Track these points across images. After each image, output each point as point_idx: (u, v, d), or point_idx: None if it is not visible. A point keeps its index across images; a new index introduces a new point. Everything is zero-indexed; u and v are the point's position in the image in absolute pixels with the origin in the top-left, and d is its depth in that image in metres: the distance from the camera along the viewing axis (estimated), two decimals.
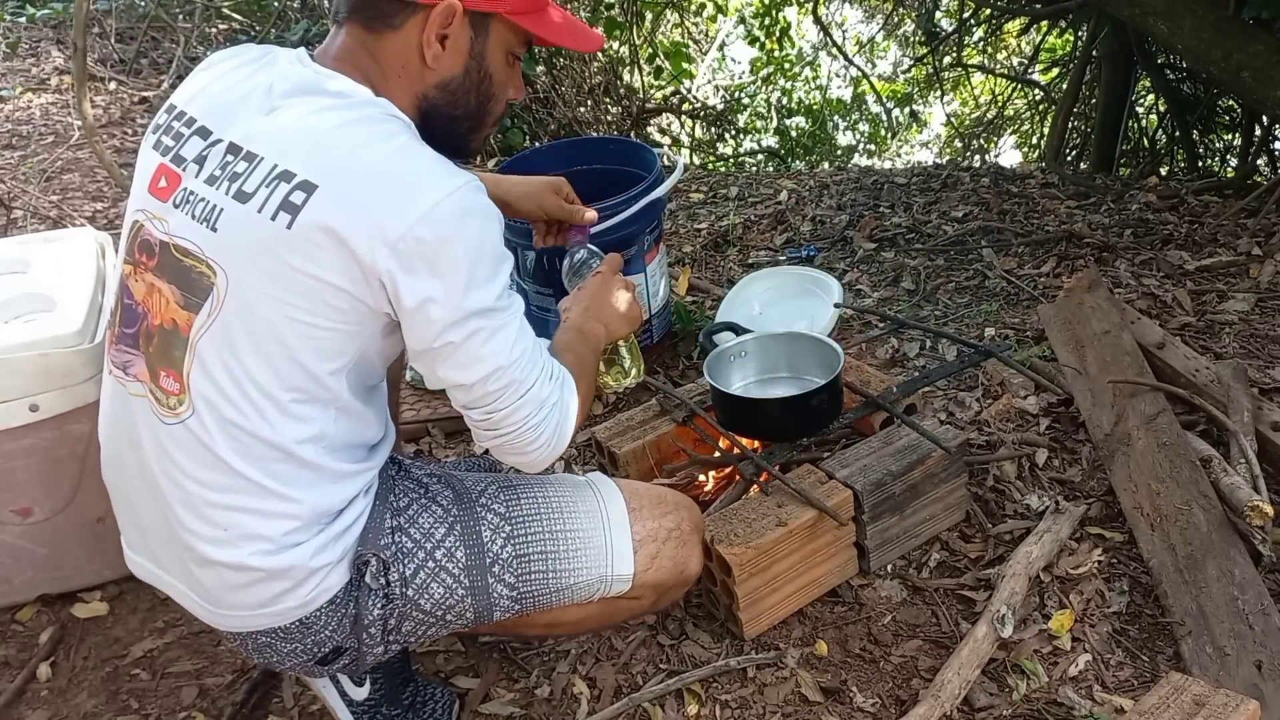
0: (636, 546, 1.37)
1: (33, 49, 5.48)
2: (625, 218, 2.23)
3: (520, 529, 1.33)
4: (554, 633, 1.51)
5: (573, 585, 1.34)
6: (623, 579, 1.37)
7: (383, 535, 1.26)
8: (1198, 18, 3.06)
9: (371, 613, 1.25)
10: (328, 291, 1.12)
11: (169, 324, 1.18)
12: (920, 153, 8.56)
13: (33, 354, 1.68)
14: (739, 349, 2.03)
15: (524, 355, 1.22)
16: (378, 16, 1.20)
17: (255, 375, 1.14)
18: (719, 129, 7.41)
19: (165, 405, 1.18)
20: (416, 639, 1.33)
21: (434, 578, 1.27)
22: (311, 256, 1.11)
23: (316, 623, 1.24)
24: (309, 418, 1.18)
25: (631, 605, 1.44)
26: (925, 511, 1.81)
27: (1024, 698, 1.51)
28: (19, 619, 1.85)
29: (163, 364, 1.18)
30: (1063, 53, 6.30)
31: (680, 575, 1.43)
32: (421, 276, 1.11)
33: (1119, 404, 2.06)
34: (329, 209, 1.10)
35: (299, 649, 1.27)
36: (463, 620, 1.32)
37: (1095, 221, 3.19)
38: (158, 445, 1.20)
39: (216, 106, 1.22)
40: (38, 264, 1.96)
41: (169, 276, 1.18)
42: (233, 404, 1.15)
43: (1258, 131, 4.61)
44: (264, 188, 1.13)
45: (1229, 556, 1.64)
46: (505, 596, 1.31)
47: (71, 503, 1.80)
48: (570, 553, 1.34)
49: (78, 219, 3.61)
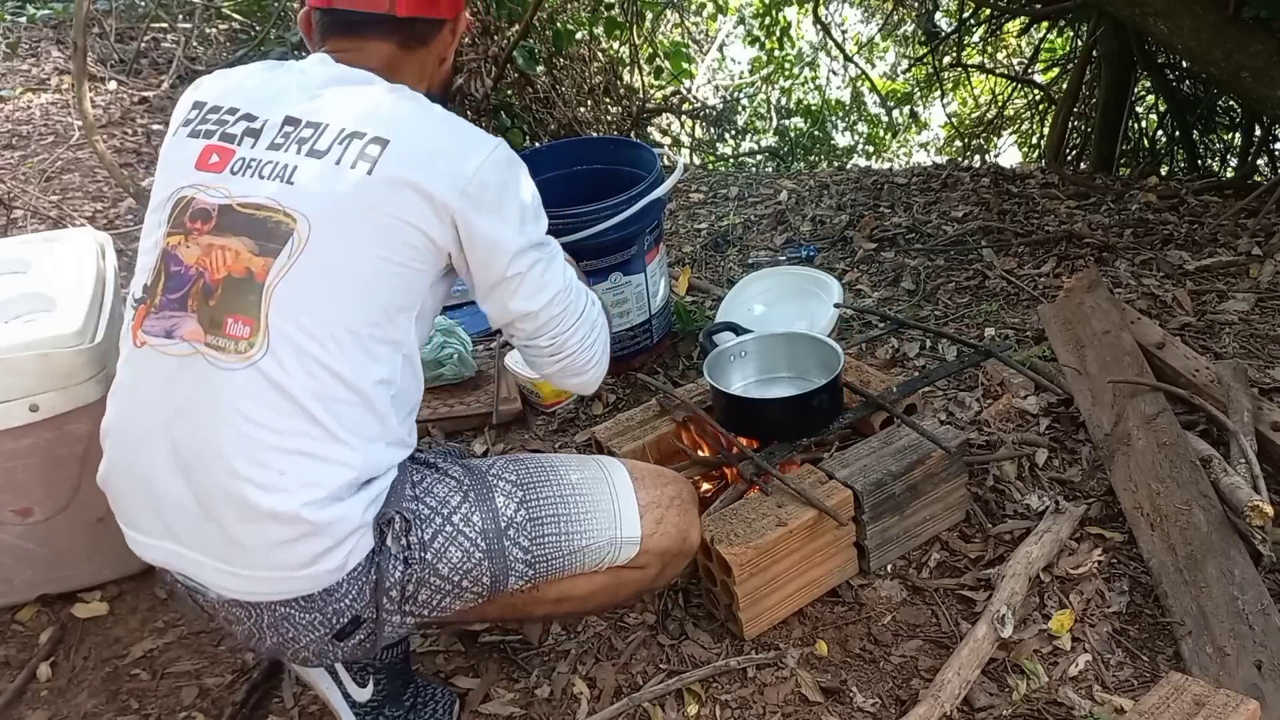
0: (642, 511, 1.41)
1: (33, 49, 5.48)
2: (625, 218, 2.23)
3: (532, 494, 1.37)
4: (561, 611, 1.48)
5: (585, 548, 1.37)
6: (632, 541, 1.40)
7: (405, 500, 1.29)
8: (1198, 18, 3.06)
9: (392, 575, 1.26)
10: (405, 230, 1.24)
11: (240, 273, 1.22)
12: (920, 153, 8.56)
13: (33, 354, 1.68)
14: (739, 349, 2.03)
15: (573, 281, 1.39)
16: (415, 38, 1.40)
17: (338, 310, 1.22)
18: (719, 129, 7.41)
19: (231, 352, 1.20)
20: (431, 611, 1.33)
21: (452, 541, 1.30)
22: (391, 199, 1.23)
23: (339, 589, 1.25)
24: (383, 358, 1.26)
25: (637, 577, 1.45)
26: (925, 511, 1.81)
27: (1024, 698, 1.51)
28: (19, 619, 1.85)
29: (230, 312, 1.21)
30: (1063, 53, 6.30)
31: (683, 543, 1.46)
32: (487, 215, 1.27)
33: (1119, 404, 2.06)
34: (403, 159, 1.24)
35: (318, 620, 1.26)
36: (479, 587, 1.33)
37: (1095, 221, 3.19)
38: (212, 397, 1.20)
39: (255, 98, 1.32)
40: (38, 264, 1.96)
41: (238, 230, 1.23)
42: (315, 339, 1.20)
43: (1258, 131, 4.61)
44: (337, 145, 1.25)
45: (1229, 556, 1.64)
46: (520, 560, 1.34)
47: (71, 503, 1.80)
48: (581, 515, 1.38)
49: (78, 219, 3.61)
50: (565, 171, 2.53)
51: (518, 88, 5.26)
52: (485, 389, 2.40)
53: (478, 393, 2.40)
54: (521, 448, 2.27)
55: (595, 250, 2.28)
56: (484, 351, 2.55)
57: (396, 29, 1.37)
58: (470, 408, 2.35)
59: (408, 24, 1.38)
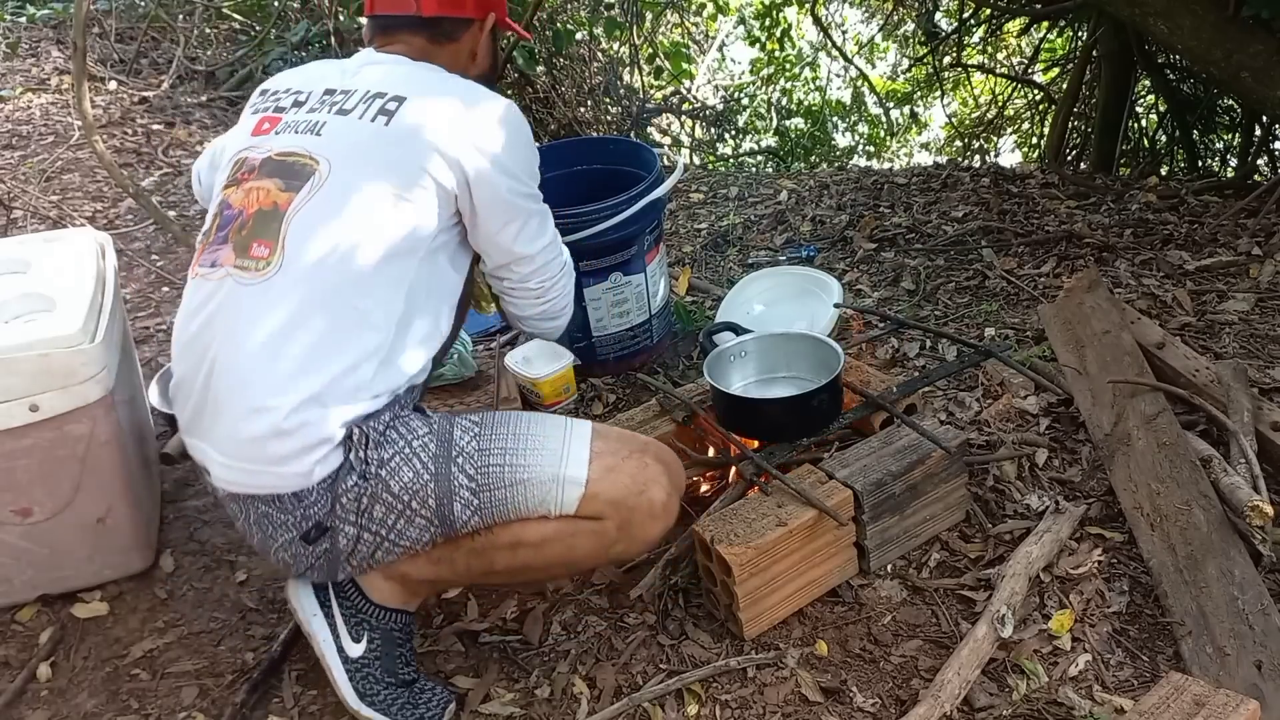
0: (593, 457, 1.45)
1: (33, 49, 5.48)
2: (625, 218, 2.23)
3: (488, 430, 1.47)
4: (519, 562, 1.48)
5: (527, 480, 1.43)
6: (575, 481, 1.43)
7: (379, 424, 1.42)
8: (1198, 18, 3.07)
9: (346, 482, 1.39)
10: (417, 174, 1.44)
11: (267, 206, 1.43)
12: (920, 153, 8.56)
13: (33, 354, 1.68)
14: (739, 349, 2.03)
15: (558, 239, 1.66)
16: (443, 33, 1.65)
17: (346, 237, 1.40)
18: (719, 129, 7.41)
19: (252, 270, 1.41)
20: (388, 533, 1.43)
21: (406, 462, 1.41)
22: (405, 147, 1.45)
23: (309, 496, 1.40)
24: (387, 283, 1.42)
25: (593, 529, 1.46)
26: (925, 511, 1.81)
27: (1024, 698, 1.51)
28: (19, 619, 1.85)
29: (256, 238, 1.42)
30: (1063, 53, 6.30)
31: (640, 495, 1.45)
32: (492, 162, 1.48)
33: (1119, 404, 2.06)
34: (418, 112, 1.47)
35: (290, 521, 1.42)
36: (426, 510, 1.42)
37: (1095, 221, 3.19)
38: (234, 310, 1.40)
39: (304, 81, 1.61)
40: (38, 264, 1.96)
41: (270, 173, 1.47)
42: (323, 261, 1.39)
43: (1258, 131, 4.61)
44: (361, 104, 1.49)
45: (1229, 556, 1.64)
46: (465, 487, 1.42)
47: (71, 503, 1.80)
48: (528, 450, 1.45)
49: (78, 219, 3.61)
50: (565, 171, 2.53)
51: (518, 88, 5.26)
52: (485, 389, 2.40)
53: (478, 393, 2.40)
54: None
55: (595, 250, 2.28)
56: (484, 351, 2.55)
57: (424, 26, 1.63)
58: (470, 407, 2.35)
59: (434, 22, 1.63)
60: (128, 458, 1.85)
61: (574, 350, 2.35)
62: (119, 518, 1.85)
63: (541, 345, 2.37)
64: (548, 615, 1.78)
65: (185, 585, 1.93)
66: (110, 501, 1.83)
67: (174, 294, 3.13)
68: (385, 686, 1.53)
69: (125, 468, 1.83)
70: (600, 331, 2.42)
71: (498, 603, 1.83)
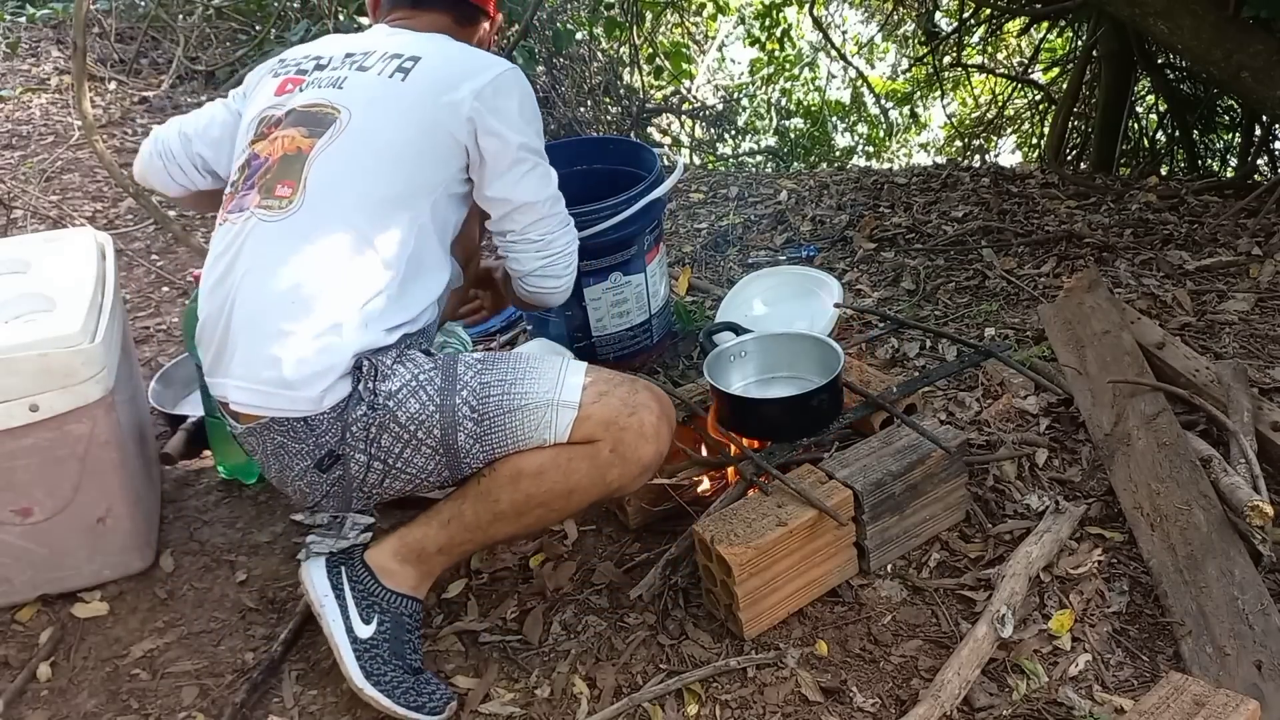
0: (586, 384, 1.53)
1: (33, 49, 5.48)
2: (625, 218, 2.23)
3: (489, 365, 1.54)
4: (521, 494, 1.52)
5: (523, 406, 1.50)
6: (569, 405, 1.50)
7: (387, 356, 1.50)
8: (1198, 18, 3.07)
9: (355, 411, 1.47)
10: (430, 126, 1.56)
11: (292, 151, 1.55)
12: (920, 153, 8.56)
13: (33, 354, 1.68)
14: (739, 349, 2.03)
15: (561, 199, 1.71)
16: (467, 17, 1.78)
17: (362, 178, 1.52)
18: (719, 129, 7.41)
19: (276, 209, 1.52)
20: (395, 460, 1.50)
21: (412, 394, 1.48)
22: (420, 101, 1.56)
23: (319, 424, 1.48)
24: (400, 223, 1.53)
25: (588, 455, 1.51)
26: (925, 511, 1.81)
27: (1024, 698, 1.52)
28: (19, 619, 1.85)
29: (280, 179, 1.54)
30: (1063, 53, 6.30)
31: (632, 417, 1.51)
32: (498, 114, 1.58)
33: (1119, 404, 2.06)
34: (431, 70, 1.59)
35: (304, 450, 1.50)
36: (432, 440, 1.49)
37: (1095, 221, 3.19)
38: (256, 245, 1.51)
39: (324, 49, 1.71)
40: (38, 264, 1.96)
41: (294, 122, 1.58)
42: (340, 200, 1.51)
43: (1258, 131, 4.62)
44: (380, 62, 1.62)
45: (1229, 556, 1.64)
46: (468, 418, 1.49)
47: (71, 503, 1.80)
48: (525, 378, 1.52)
49: (78, 219, 3.61)
50: (565, 171, 2.50)
51: None
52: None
53: None
54: None
55: (595, 250, 2.28)
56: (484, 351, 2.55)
57: (454, 6, 1.76)
58: None
59: (463, 2, 1.76)
60: (128, 458, 1.85)
61: (574, 350, 2.35)
62: (119, 518, 1.85)
63: (542, 345, 2.37)
64: (548, 615, 1.78)
65: (185, 585, 1.93)
66: (110, 501, 1.83)
67: (174, 294, 3.13)
68: (392, 669, 1.54)
69: (125, 468, 1.83)
70: (600, 331, 2.42)
71: (498, 603, 1.83)
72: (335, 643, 1.53)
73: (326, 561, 1.58)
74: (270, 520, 2.09)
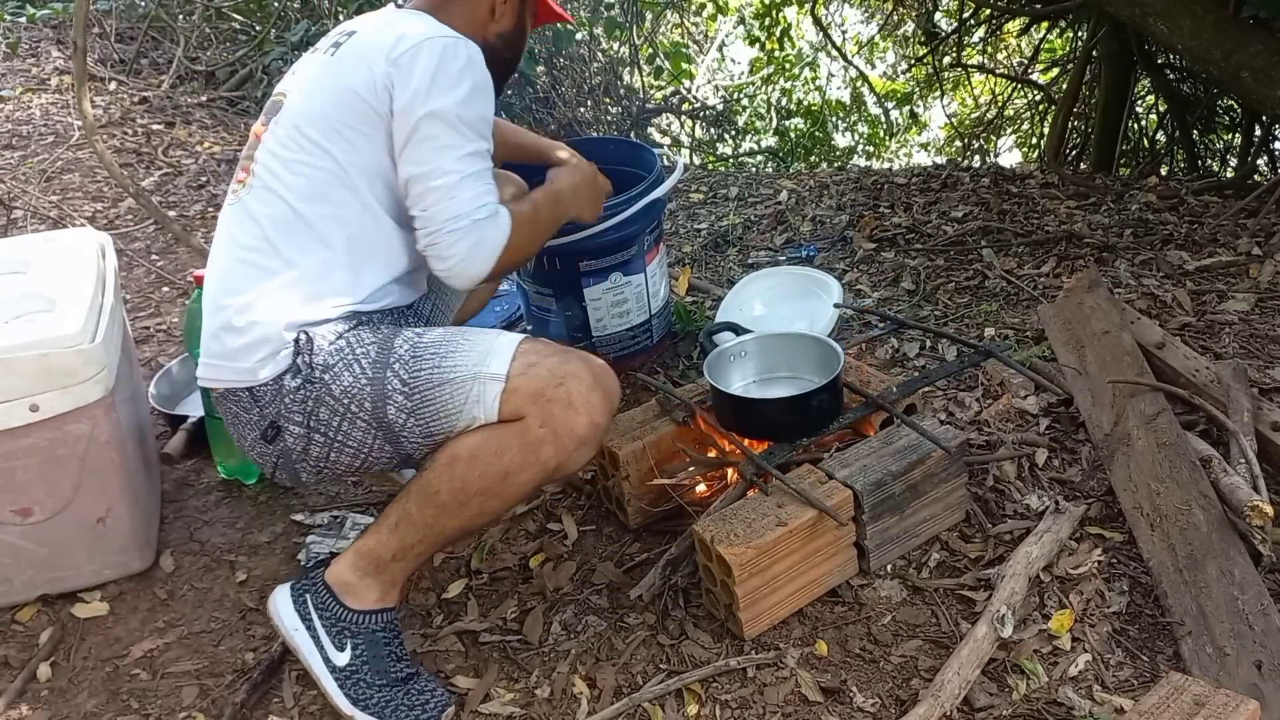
0: (516, 356, 1.50)
1: (33, 49, 5.48)
2: (625, 218, 2.23)
3: (425, 339, 1.54)
4: (458, 481, 1.49)
5: (451, 379, 1.48)
6: (495, 377, 1.47)
7: (330, 331, 1.53)
8: (1198, 18, 3.07)
9: (292, 384, 1.51)
10: (351, 96, 1.53)
11: (255, 139, 1.63)
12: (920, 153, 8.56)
13: (33, 354, 1.68)
14: (739, 349, 2.03)
15: (468, 179, 1.54)
16: None
17: (297, 156, 1.54)
18: (719, 129, 7.41)
19: (236, 194, 1.61)
20: (334, 434, 1.52)
21: (347, 368, 1.51)
22: (343, 71, 1.55)
23: (263, 396, 1.53)
24: (338, 201, 1.54)
25: (518, 433, 1.47)
26: (925, 511, 1.81)
27: (1024, 698, 1.52)
28: (19, 619, 1.85)
29: (242, 165, 1.63)
30: (1063, 53, 6.30)
31: (559, 388, 1.47)
32: (408, 81, 1.50)
33: (1119, 404, 2.06)
34: (361, 41, 1.58)
35: (251, 420, 1.55)
36: (364, 413, 1.51)
37: (1095, 221, 3.19)
38: (222, 226, 1.62)
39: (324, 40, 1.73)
40: (38, 264, 1.96)
41: (264, 112, 1.67)
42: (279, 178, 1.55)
43: (1258, 131, 4.62)
44: (326, 42, 1.66)
45: (1229, 556, 1.64)
46: (398, 391, 1.49)
47: (71, 503, 1.80)
48: (456, 352, 1.51)
49: (78, 219, 3.61)
50: None
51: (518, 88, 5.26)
52: None
53: None
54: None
55: (595, 250, 2.28)
56: None
57: None
58: None
59: None
60: (128, 458, 1.85)
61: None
62: (119, 518, 1.85)
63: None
64: (548, 615, 1.78)
65: (185, 585, 1.93)
66: (110, 501, 1.83)
67: (174, 294, 3.13)
68: (378, 689, 1.53)
69: (125, 468, 1.83)
70: (600, 332, 2.42)
71: (498, 603, 1.83)
72: (315, 675, 1.54)
73: (291, 591, 1.58)
74: (270, 520, 2.09)
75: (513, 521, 2.04)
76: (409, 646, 1.73)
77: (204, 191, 3.95)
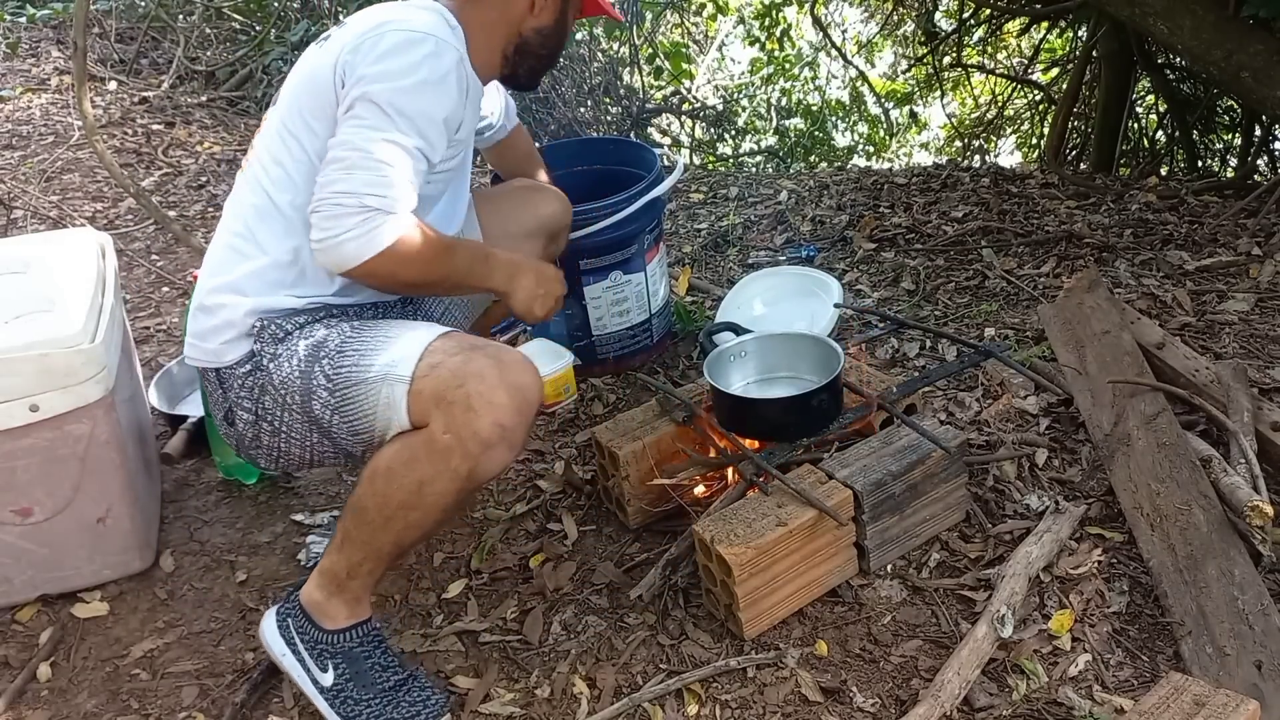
0: (424, 355, 1.44)
1: (33, 49, 5.48)
2: (625, 216, 2.23)
3: (355, 333, 1.52)
4: (379, 496, 1.46)
5: (366, 379, 1.46)
6: (401, 379, 1.43)
7: (290, 322, 1.54)
8: (1198, 18, 3.07)
9: (245, 369, 1.54)
10: (317, 88, 1.51)
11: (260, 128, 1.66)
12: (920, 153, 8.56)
13: (33, 354, 1.68)
14: (739, 349, 2.03)
15: (381, 167, 1.44)
16: None
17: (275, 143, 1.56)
18: (719, 129, 7.41)
19: (235, 183, 1.64)
20: (277, 422, 1.53)
21: (288, 359, 1.51)
22: (319, 62, 1.52)
23: (228, 379, 1.56)
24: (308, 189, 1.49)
25: (426, 443, 1.41)
26: (925, 511, 1.81)
27: (1024, 698, 1.52)
28: (19, 619, 1.85)
29: (247, 154, 1.65)
30: (1063, 53, 6.30)
31: (458, 390, 1.39)
32: (358, 67, 1.46)
33: (1119, 404, 2.06)
34: (347, 31, 1.53)
35: (217, 399, 1.61)
36: (293, 401, 1.51)
37: (1095, 221, 3.19)
38: (224, 211, 1.64)
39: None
40: (38, 264, 1.96)
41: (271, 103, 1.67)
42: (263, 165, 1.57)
43: (1258, 131, 4.62)
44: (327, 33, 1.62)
45: (1229, 556, 1.64)
46: (323, 386, 1.48)
47: (71, 503, 1.80)
48: (374, 350, 1.48)
49: (78, 219, 3.61)
50: (565, 171, 2.53)
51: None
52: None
53: None
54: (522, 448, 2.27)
55: (595, 249, 2.28)
56: None
57: None
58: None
59: None
60: (128, 458, 1.85)
61: (574, 350, 2.34)
62: (119, 518, 1.85)
63: (541, 345, 2.36)
64: (548, 615, 1.78)
65: (185, 585, 1.93)
66: (110, 501, 1.83)
67: (174, 294, 3.13)
68: (367, 704, 1.54)
69: (125, 468, 1.83)
70: (600, 331, 2.42)
71: (498, 603, 1.83)
72: (309, 696, 1.56)
73: (276, 616, 1.59)
74: (270, 520, 2.09)
75: (513, 521, 2.04)
76: (409, 647, 1.74)
77: (204, 191, 3.95)
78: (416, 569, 1.93)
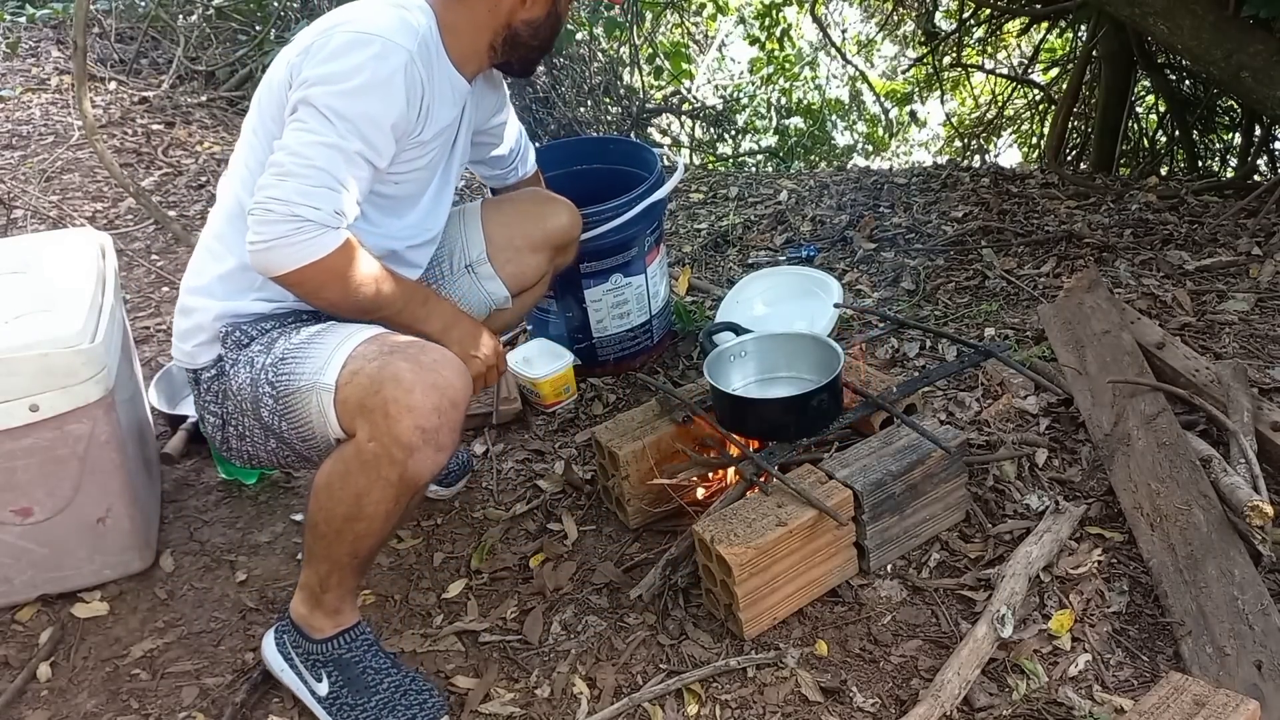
0: (348, 361, 1.43)
1: (33, 49, 5.48)
2: (626, 220, 2.23)
3: (303, 340, 1.50)
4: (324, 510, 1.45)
5: (300, 387, 1.46)
6: (326, 388, 1.42)
7: (256, 329, 1.57)
8: (1198, 18, 3.07)
9: (206, 374, 1.60)
10: (271, 92, 1.51)
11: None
12: (920, 153, 8.56)
13: (33, 354, 1.68)
14: (739, 349, 2.03)
15: (316, 174, 1.40)
16: None
17: (242, 152, 1.57)
18: (719, 129, 7.41)
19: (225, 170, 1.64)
20: (237, 426, 1.57)
21: (245, 366, 1.53)
22: (279, 74, 1.51)
23: (201, 380, 1.61)
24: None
25: (355, 454, 1.40)
26: (925, 511, 1.81)
27: (1024, 698, 1.52)
28: (19, 619, 1.85)
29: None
30: (1063, 53, 6.30)
31: (376, 396, 1.37)
32: (303, 69, 1.44)
33: (1119, 404, 2.06)
34: (309, 30, 1.51)
35: (196, 397, 1.65)
36: (248, 408, 1.53)
37: (1095, 221, 3.19)
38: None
39: None
40: (38, 264, 1.96)
41: None
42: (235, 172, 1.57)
43: (1258, 131, 4.62)
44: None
45: (1229, 556, 1.64)
46: (268, 394, 1.49)
47: (71, 503, 1.80)
48: (308, 358, 1.47)
49: (78, 219, 3.61)
50: (565, 171, 2.53)
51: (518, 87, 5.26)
52: (486, 389, 2.40)
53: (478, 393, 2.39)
54: (521, 448, 2.27)
55: (596, 252, 2.28)
56: None
57: None
58: (470, 408, 2.35)
59: None
60: (128, 458, 1.85)
61: (574, 351, 2.35)
62: (119, 518, 1.85)
63: (542, 345, 2.37)
64: (548, 615, 1.79)
65: (185, 585, 1.93)
66: (110, 501, 1.83)
67: (174, 294, 3.12)
68: (364, 709, 1.55)
69: (125, 468, 1.83)
70: (601, 333, 2.42)
71: (498, 603, 1.83)
72: (310, 707, 1.59)
73: (274, 633, 1.63)
74: (270, 520, 2.09)
75: (513, 521, 2.04)
76: (409, 647, 1.74)
77: (204, 191, 3.95)
78: (416, 569, 1.93)
